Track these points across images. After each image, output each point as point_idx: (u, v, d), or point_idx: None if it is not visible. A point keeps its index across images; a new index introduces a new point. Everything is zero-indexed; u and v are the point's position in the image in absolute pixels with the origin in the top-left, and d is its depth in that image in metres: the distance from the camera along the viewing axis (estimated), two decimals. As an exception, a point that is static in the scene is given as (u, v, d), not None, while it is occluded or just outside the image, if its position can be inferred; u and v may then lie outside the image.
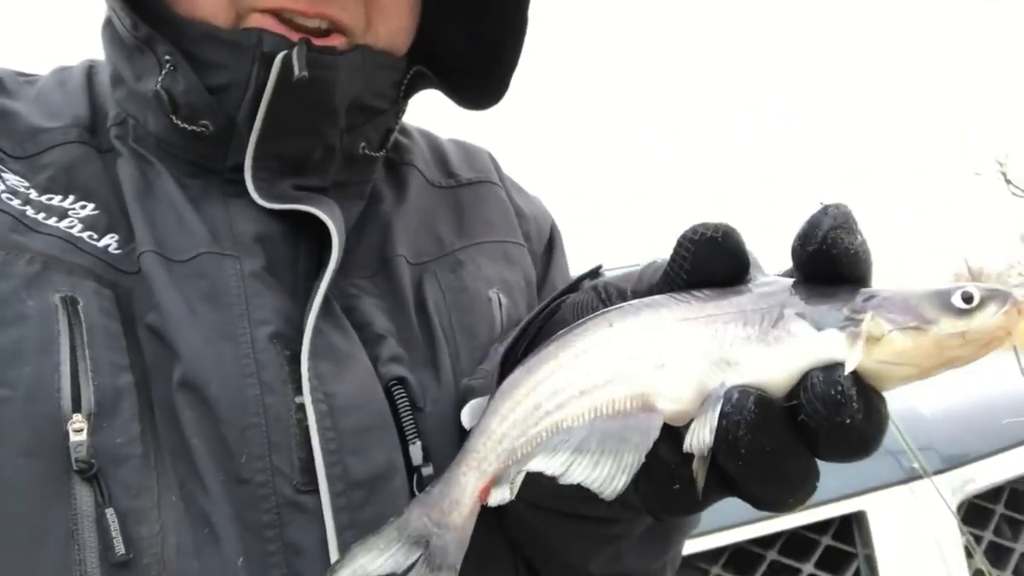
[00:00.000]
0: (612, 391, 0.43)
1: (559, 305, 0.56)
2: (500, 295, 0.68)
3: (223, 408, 0.53)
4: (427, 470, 0.57)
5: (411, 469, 0.57)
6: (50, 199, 0.58)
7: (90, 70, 0.68)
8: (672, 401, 0.42)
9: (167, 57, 0.60)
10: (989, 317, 0.39)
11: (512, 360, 0.55)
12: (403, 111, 0.70)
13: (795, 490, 0.42)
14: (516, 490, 0.45)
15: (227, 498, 0.52)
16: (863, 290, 0.41)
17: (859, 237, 0.41)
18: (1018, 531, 1.47)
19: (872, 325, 0.40)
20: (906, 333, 0.39)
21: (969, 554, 1.33)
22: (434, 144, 0.79)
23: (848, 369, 0.39)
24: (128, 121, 0.63)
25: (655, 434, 0.41)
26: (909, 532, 1.34)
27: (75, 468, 0.49)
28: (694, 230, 0.44)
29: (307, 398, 0.54)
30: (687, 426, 0.41)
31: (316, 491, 0.53)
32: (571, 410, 0.44)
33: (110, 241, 0.58)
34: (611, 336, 0.44)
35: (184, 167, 0.62)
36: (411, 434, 0.57)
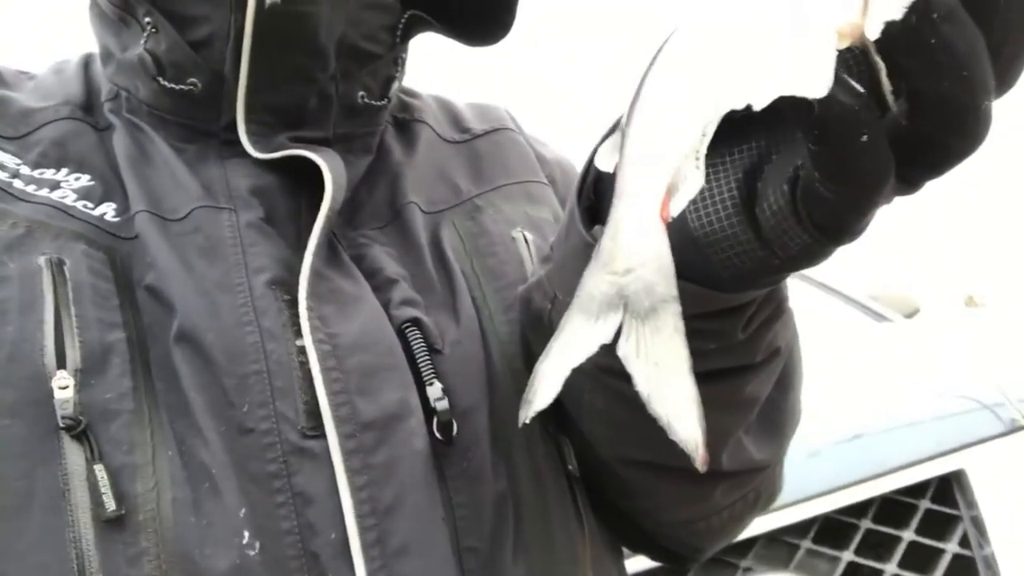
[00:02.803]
0: (759, 32, 0.35)
1: None
2: (525, 233, 0.64)
3: (221, 357, 0.50)
4: (442, 404, 0.53)
5: (431, 412, 0.53)
6: (42, 173, 0.57)
7: (87, 58, 0.68)
8: (833, 12, 0.33)
9: (147, 19, 0.58)
10: None
11: (587, 206, 0.48)
12: (403, 58, 0.67)
13: (987, 79, 0.34)
14: (703, 172, 0.37)
15: (228, 450, 0.49)
16: None
17: None
18: None
19: None
20: None
21: (1089, 507, 1.21)
22: (446, 104, 0.76)
23: None
24: (121, 94, 0.62)
25: (833, 52, 0.33)
26: (1018, 488, 1.23)
27: (62, 426, 0.47)
28: None
29: (307, 339, 0.51)
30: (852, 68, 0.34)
31: (324, 435, 0.50)
32: (725, 73, 0.35)
33: (106, 209, 0.56)
34: None
35: (178, 132, 0.60)
36: (428, 375, 0.54)
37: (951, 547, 1.19)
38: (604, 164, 0.40)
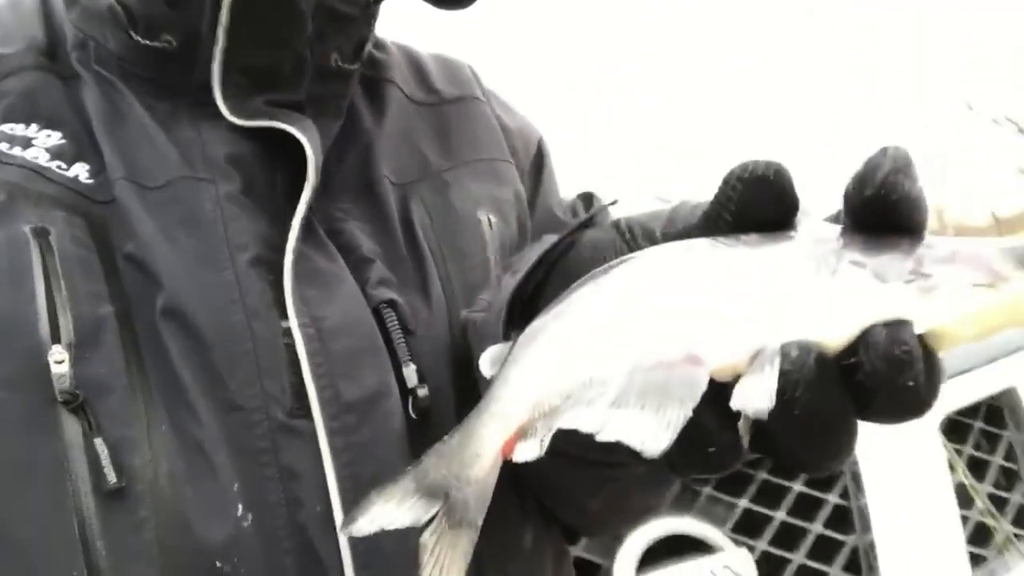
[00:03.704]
0: (653, 341, 0.38)
1: (573, 242, 0.54)
2: (490, 215, 0.66)
3: (211, 336, 0.51)
4: (422, 391, 0.55)
5: (405, 391, 0.55)
6: (12, 129, 0.55)
7: None
8: (721, 354, 0.37)
9: None
10: None
11: (522, 297, 0.52)
12: (375, 18, 0.66)
13: (841, 454, 0.39)
14: (546, 447, 0.40)
15: (219, 426, 0.50)
16: (925, 241, 0.38)
17: (918, 183, 0.38)
18: (995, 444, 1.50)
19: (947, 280, 0.36)
20: (978, 291, 0.36)
21: (952, 468, 1.36)
22: (412, 58, 0.75)
23: (919, 328, 0.36)
24: (88, 43, 0.59)
25: (702, 388, 0.37)
26: (893, 449, 1.36)
27: (59, 399, 0.47)
28: (743, 167, 0.40)
29: (293, 323, 0.52)
30: (730, 385, 0.37)
31: (309, 415, 0.52)
32: (606, 361, 0.39)
33: (80, 170, 0.55)
34: (653, 280, 0.40)
35: (150, 88, 0.59)
36: (404, 357, 0.56)
37: (832, 498, 1.31)
38: (486, 370, 0.44)
